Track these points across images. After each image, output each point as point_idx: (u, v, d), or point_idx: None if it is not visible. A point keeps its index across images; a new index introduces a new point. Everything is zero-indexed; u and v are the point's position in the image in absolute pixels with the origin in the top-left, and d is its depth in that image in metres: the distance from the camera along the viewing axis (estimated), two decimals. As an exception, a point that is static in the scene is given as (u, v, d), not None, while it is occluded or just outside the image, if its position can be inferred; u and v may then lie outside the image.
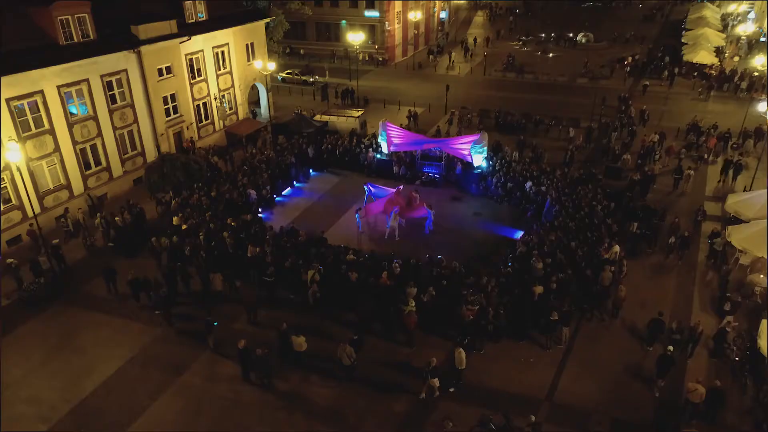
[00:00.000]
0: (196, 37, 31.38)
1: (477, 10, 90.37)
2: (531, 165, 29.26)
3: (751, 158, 31.60)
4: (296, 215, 27.02)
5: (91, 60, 25.61)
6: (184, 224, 22.84)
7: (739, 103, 43.03)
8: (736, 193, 24.90)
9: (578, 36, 66.57)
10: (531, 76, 52.72)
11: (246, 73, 36.53)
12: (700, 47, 53.56)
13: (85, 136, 26.34)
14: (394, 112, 41.92)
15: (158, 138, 30.26)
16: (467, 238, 24.99)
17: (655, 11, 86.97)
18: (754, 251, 20.10)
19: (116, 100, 27.68)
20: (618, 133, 35.14)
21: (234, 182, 27.21)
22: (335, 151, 31.92)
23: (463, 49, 61.02)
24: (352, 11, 56.86)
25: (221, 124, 35.13)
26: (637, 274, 21.77)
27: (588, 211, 23.81)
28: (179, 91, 31.15)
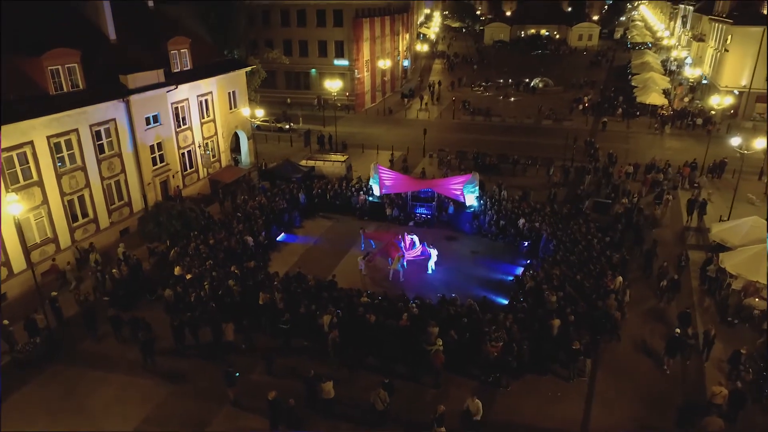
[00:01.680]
0: (182, 86, 31.25)
1: (435, 58, 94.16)
2: (521, 203, 30.12)
3: (713, 190, 33.88)
4: (295, 260, 26.65)
5: (80, 110, 25.06)
6: (188, 274, 22.09)
7: (696, 139, 46.24)
8: (719, 223, 26.37)
9: (535, 81, 70.11)
10: (498, 119, 54.90)
11: (228, 121, 36.47)
12: (650, 89, 57.50)
13: (73, 186, 25.44)
14: (373, 156, 42.62)
15: (145, 187, 29.52)
16: (469, 275, 25.28)
17: (600, 58, 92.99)
18: (748, 276, 21.21)
19: (104, 149, 27.02)
20: (591, 176, 36.58)
21: (230, 230, 26.71)
22: (326, 195, 31.95)
23: (431, 94, 63.21)
24: (321, 60, 58.17)
25: (205, 172, 34.67)
26: (639, 302, 22.52)
27: (585, 245, 24.63)
28: (166, 140, 30.72)
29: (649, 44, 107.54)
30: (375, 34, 59.87)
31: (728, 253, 22.68)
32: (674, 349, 18.54)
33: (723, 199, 33.22)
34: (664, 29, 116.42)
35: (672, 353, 18.57)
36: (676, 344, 18.53)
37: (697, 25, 74.19)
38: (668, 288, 22.61)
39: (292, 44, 57.31)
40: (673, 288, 22.65)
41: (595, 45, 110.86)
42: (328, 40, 57.03)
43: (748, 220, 24.50)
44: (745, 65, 50.14)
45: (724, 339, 20.35)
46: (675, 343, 18.53)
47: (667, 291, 22.65)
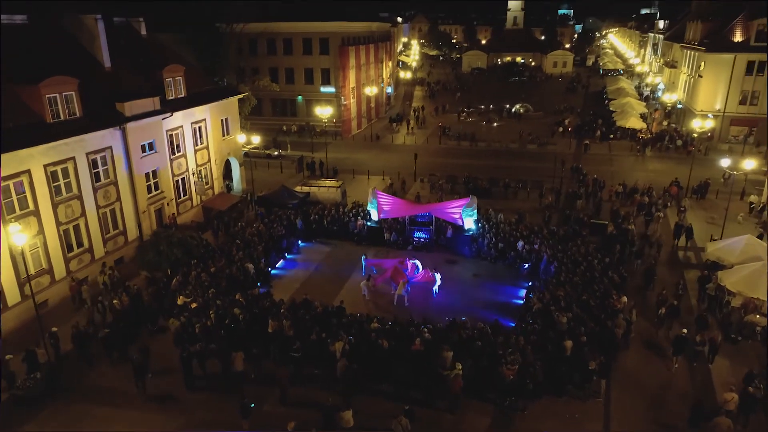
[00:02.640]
0: (177, 113, 31.07)
1: (415, 85, 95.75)
2: (518, 225, 30.45)
3: (700, 210, 34.93)
4: (297, 287, 26.35)
5: (78, 138, 24.67)
6: (193, 303, 21.62)
7: (676, 161, 47.70)
8: (714, 241, 27.03)
9: (516, 107, 71.69)
10: (484, 143, 55.83)
11: (221, 148, 36.29)
12: (628, 114, 59.32)
13: (69, 216, 24.85)
14: (364, 182, 42.81)
15: (140, 215, 29.01)
16: (473, 298, 25.32)
17: (576, 84, 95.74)
18: (748, 293, 21.71)
19: (100, 177, 26.56)
20: (582, 200, 37.17)
21: (230, 257, 26.34)
22: (323, 221, 31.83)
23: (416, 119, 64.21)
24: (308, 87, 58.64)
25: (199, 200, 34.27)
26: (644, 320, 22.83)
27: (586, 266, 24.96)
28: (161, 167, 30.36)
29: (621, 71, 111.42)
30: (360, 61, 60.72)
31: (727, 271, 23.21)
32: (680, 347, 19.90)
33: (710, 219, 34.23)
34: (634, 56, 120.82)
35: (678, 351, 19.92)
36: (682, 343, 19.87)
37: (668, 52, 77.26)
38: (667, 314, 22.36)
39: (279, 72, 57.68)
40: (672, 314, 22.44)
41: (570, 72, 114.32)
42: (314, 67, 57.62)
43: (742, 238, 25.18)
44: (718, 90, 52.22)
45: (729, 356, 20.76)
46: (681, 342, 19.87)
47: (666, 317, 22.35)
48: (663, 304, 22.81)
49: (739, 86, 51.32)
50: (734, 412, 16.92)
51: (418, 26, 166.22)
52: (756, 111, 51.23)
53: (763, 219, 33.38)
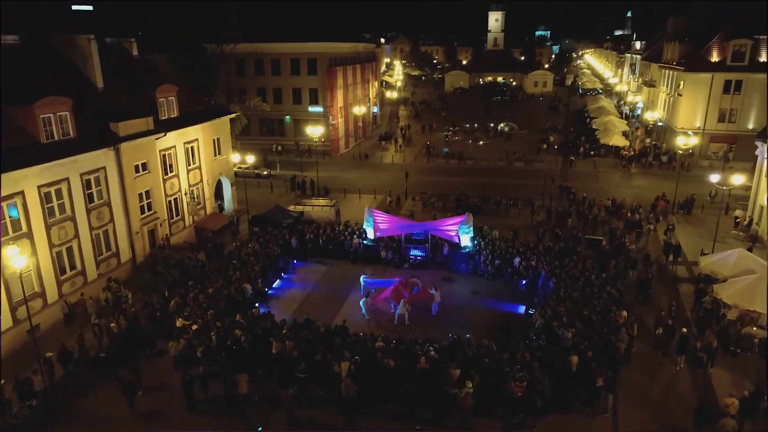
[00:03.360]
0: (170, 133, 30.87)
1: (400, 105, 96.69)
2: (514, 242, 30.67)
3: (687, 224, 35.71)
4: (295, 307, 26.07)
5: (72, 158, 24.33)
6: (194, 325, 21.21)
7: (660, 177, 48.70)
8: (706, 255, 27.53)
9: (501, 125, 72.73)
10: (471, 162, 56.41)
11: (213, 168, 36.08)
12: (611, 132, 60.62)
13: (62, 238, 24.34)
14: (356, 200, 42.86)
15: (133, 237, 28.55)
16: (473, 315, 25.32)
17: (557, 103, 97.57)
18: (745, 305, 22.10)
19: (94, 198, 26.14)
20: (572, 218, 37.29)
21: (227, 277, 26.00)
22: (318, 240, 31.67)
23: (403, 138, 64.81)
24: (295, 107, 58.83)
25: (191, 220, 33.88)
26: (644, 336, 23.03)
27: (585, 281, 25.19)
28: (154, 188, 30.03)
29: (599, 90, 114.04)
30: (347, 81, 61.20)
31: (722, 285, 23.63)
32: (683, 346, 21.05)
33: (697, 234, 34.94)
34: (612, 76, 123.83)
35: (682, 351, 21.03)
36: (685, 342, 21.08)
37: (646, 72, 79.41)
38: (664, 335, 22.03)
39: (266, 92, 57.76)
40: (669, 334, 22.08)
41: (550, 91, 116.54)
42: (302, 87, 57.89)
43: (734, 251, 25.72)
44: (697, 108, 53.72)
45: (730, 368, 21.03)
46: (684, 341, 21.08)
47: (663, 338, 22.05)
48: (660, 324, 22.40)
49: (717, 104, 52.86)
50: (736, 416, 17.25)
51: (400, 47, 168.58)
52: (734, 128, 52.78)
53: (750, 233, 34.15)
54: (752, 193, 35.55)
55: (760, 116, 51.69)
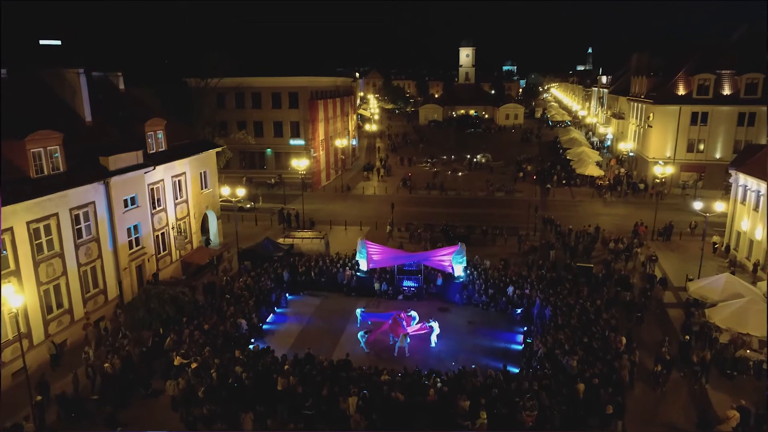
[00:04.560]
0: (158, 167, 30.46)
1: (376, 137, 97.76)
2: (506, 271, 30.95)
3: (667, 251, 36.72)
4: (292, 341, 25.58)
5: (61, 193, 23.71)
6: (193, 363, 20.55)
7: (636, 205, 50.18)
8: (694, 281, 28.25)
9: (478, 157, 74.10)
10: (453, 192, 57.11)
11: (200, 201, 35.62)
12: (586, 162, 62.41)
13: (50, 275, 23.49)
14: (342, 232, 42.75)
15: (121, 273, 27.76)
16: (472, 346, 25.28)
17: (529, 135, 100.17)
18: (738, 328, 22.67)
19: (82, 234, 25.41)
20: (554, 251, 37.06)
21: (221, 313, 25.41)
22: (310, 273, 31.35)
23: (384, 169, 65.55)
24: (277, 140, 58.83)
25: (178, 255, 33.18)
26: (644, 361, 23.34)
27: (580, 308, 25.51)
28: (142, 222, 29.40)
29: (568, 122, 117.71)
30: (328, 114, 61.75)
31: (714, 309, 24.23)
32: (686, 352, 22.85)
33: (679, 259, 35.94)
34: (579, 109, 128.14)
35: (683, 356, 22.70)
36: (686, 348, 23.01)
37: (614, 104, 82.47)
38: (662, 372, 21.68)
39: (247, 125, 57.65)
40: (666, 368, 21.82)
41: (521, 123, 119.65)
42: (283, 120, 58.05)
43: (721, 276, 26.52)
44: (667, 139, 55.92)
45: (728, 391, 21.39)
46: (686, 348, 23.09)
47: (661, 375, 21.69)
48: (660, 361, 21.93)
49: (686, 135, 55.15)
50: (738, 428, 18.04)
51: (373, 81, 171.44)
52: (702, 158, 55.03)
53: (729, 258, 35.29)
54: (728, 219, 36.87)
55: (726, 146, 54.24)
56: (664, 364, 21.78)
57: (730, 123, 53.85)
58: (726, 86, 53.72)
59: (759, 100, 52.40)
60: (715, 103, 53.67)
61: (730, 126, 53.92)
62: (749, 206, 34.02)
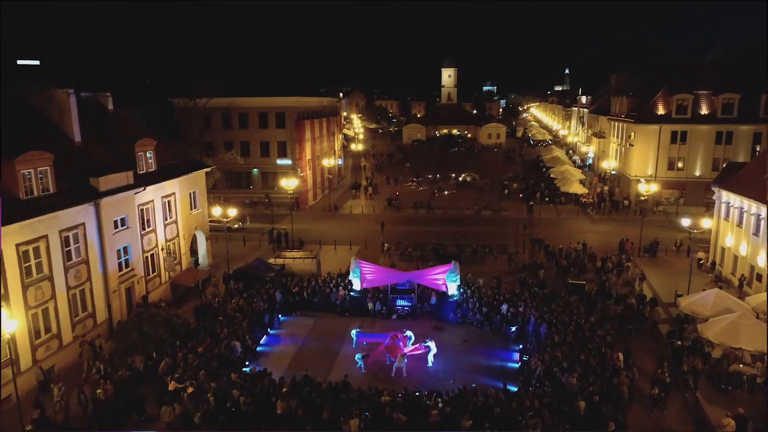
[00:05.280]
0: (148, 187, 30.13)
1: (361, 157, 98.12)
2: (500, 289, 31.06)
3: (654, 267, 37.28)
4: (287, 363, 25.21)
5: (52, 215, 23.27)
6: (189, 387, 20.10)
7: (620, 222, 50.96)
8: (684, 297, 28.66)
9: (463, 176, 74.76)
10: (441, 211, 57.40)
11: (189, 222, 35.24)
12: (570, 180, 63.35)
13: (39, 299, 22.92)
14: (332, 252, 42.57)
15: (110, 295, 27.20)
16: (469, 365, 25.21)
17: (512, 153, 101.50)
18: (730, 343, 23.00)
19: (72, 256, 24.90)
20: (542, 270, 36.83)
21: (214, 335, 24.99)
22: (303, 293, 31.08)
23: (371, 187, 65.85)
24: (263, 160, 58.68)
25: (167, 276, 32.66)
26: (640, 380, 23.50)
27: (575, 326, 25.67)
28: (132, 244, 28.94)
29: (549, 141, 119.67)
30: (315, 134, 61.94)
31: (706, 324, 24.56)
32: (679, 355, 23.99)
33: (666, 275, 36.50)
34: (560, 128, 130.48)
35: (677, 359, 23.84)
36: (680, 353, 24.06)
37: (594, 124, 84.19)
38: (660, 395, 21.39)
39: (233, 145, 57.38)
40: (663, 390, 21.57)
41: (503, 142, 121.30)
42: (270, 140, 58.03)
43: (710, 292, 26.98)
44: (648, 157, 57.11)
45: (723, 405, 21.55)
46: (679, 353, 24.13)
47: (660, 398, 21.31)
48: (657, 384, 21.59)
49: (666, 153, 56.43)
50: None
51: (356, 101, 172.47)
52: (683, 175, 56.30)
53: (715, 273, 35.96)
54: (712, 235, 37.64)
55: (705, 164, 55.62)
56: (662, 386, 21.38)
57: (709, 141, 55.25)
58: (704, 106, 55.27)
59: (736, 119, 53.98)
60: (694, 123, 55.09)
61: (709, 144, 55.32)
62: (732, 223, 34.81)
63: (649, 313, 28.92)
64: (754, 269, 31.94)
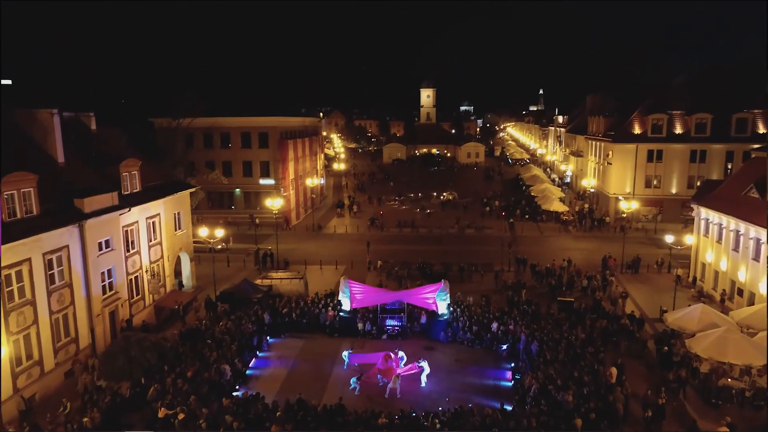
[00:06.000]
0: (133, 208, 29.60)
1: (342, 177, 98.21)
2: (489, 307, 31.13)
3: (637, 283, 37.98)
4: (278, 386, 24.72)
5: (35, 237, 22.64)
6: (181, 414, 19.54)
7: (601, 240, 51.77)
8: (670, 312, 29.08)
9: (444, 194, 75.27)
10: (425, 230, 57.56)
11: (174, 243, 34.66)
12: (550, 199, 64.27)
13: (20, 324, 22.16)
14: (318, 272, 42.22)
15: (93, 320, 26.45)
16: (462, 384, 25.05)
17: (491, 172, 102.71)
18: (718, 358, 23.35)
19: (55, 280, 24.20)
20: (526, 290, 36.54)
21: (203, 359, 24.43)
22: (292, 314, 30.68)
23: (356, 205, 66.01)
24: (246, 180, 58.28)
25: (151, 299, 31.94)
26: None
27: (566, 343, 25.81)
28: (116, 266, 28.31)
29: (527, 160, 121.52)
30: (298, 154, 61.87)
31: (693, 339, 24.92)
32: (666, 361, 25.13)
33: (650, 291, 37.09)
34: (537, 147, 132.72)
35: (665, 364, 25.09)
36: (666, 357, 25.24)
37: (571, 143, 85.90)
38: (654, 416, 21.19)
39: (215, 165, 56.89)
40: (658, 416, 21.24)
41: (482, 161, 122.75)
42: (253, 160, 57.74)
43: (696, 307, 27.44)
44: (626, 175, 58.41)
45: (715, 419, 21.80)
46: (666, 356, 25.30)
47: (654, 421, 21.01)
48: (650, 406, 21.39)
49: (643, 172, 57.81)
50: None
51: (335, 120, 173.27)
52: (660, 193, 57.65)
53: (696, 289, 36.65)
54: (693, 251, 38.44)
55: (681, 181, 57.10)
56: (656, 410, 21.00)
57: (684, 160, 56.84)
58: (678, 125, 56.95)
59: (708, 138, 55.71)
60: (669, 142, 56.72)
61: (684, 163, 56.90)
62: (712, 239, 35.64)
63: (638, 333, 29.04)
64: (735, 284, 32.67)
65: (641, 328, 29.83)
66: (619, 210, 53.25)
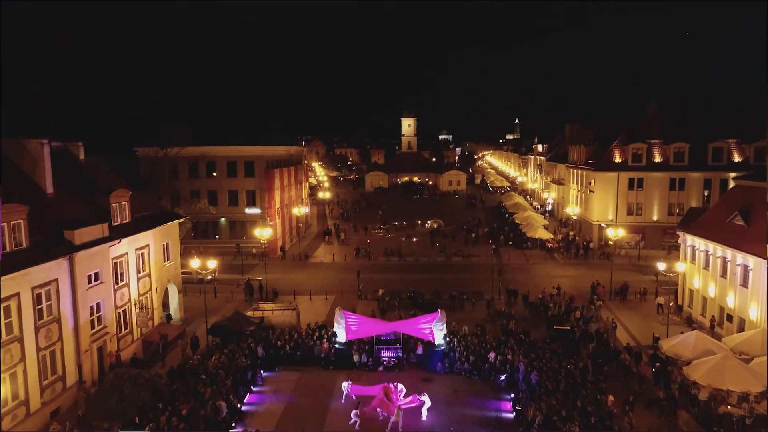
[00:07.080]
0: (123, 239, 28.96)
1: (325, 205, 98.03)
2: (485, 336, 30.96)
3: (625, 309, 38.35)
4: (275, 423, 24.03)
5: (24, 271, 21.91)
6: (179, 454, 18.79)
7: (587, 266, 52.31)
8: (665, 339, 29.28)
9: (429, 222, 75.48)
10: (412, 258, 57.45)
11: (162, 275, 33.90)
12: (534, 226, 64.92)
13: (7, 362, 21.23)
14: (307, 302, 41.62)
15: (81, 356, 25.50)
16: (463, 416, 24.73)
17: (473, 200, 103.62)
18: (717, 385, 23.49)
19: (44, 315, 23.37)
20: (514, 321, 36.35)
21: (197, 395, 23.66)
22: (286, 347, 30.05)
23: (343, 233, 65.79)
24: (231, 209, 57.75)
25: (139, 332, 31.02)
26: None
27: (566, 372, 25.73)
28: (105, 299, 27.50)
29: (508, 188, 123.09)
30: (283, 183, 61.65)
31: (691, 366, 25.05)
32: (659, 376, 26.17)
33: (640, 317, 37.41)
34: (517, 175, 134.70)
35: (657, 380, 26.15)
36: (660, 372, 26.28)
37: (552, 171, 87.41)
38: None
39: (201, 194, 56.34)
40: None
41: (463, 189, 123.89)
42: (239, 189, 57.34)
43: (690, 334, 27.70)
44: (608, 203, 59.50)
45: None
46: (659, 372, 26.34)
47: None
48: None
49: (625, 199, 58.96)
50: None
51: (316, 149, 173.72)
52: (642, 220, 58.77)
53: (684, 315, 37.09)
54: (680, 278, 39.02)
55: (662, 209, 58.37)
56: None
57: (663, 188, 58.19)
58: (657, 154, 58.50)
59: (687, 166, 57.29)
60: (649, 170, 58.12)
61: (664, 190, 58.24)
62: (699, 265, 36.28)
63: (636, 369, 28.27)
64: (724, 310, 33.16)
65: (639, 361, 29.26)
66: (606, 237, 53.98)
